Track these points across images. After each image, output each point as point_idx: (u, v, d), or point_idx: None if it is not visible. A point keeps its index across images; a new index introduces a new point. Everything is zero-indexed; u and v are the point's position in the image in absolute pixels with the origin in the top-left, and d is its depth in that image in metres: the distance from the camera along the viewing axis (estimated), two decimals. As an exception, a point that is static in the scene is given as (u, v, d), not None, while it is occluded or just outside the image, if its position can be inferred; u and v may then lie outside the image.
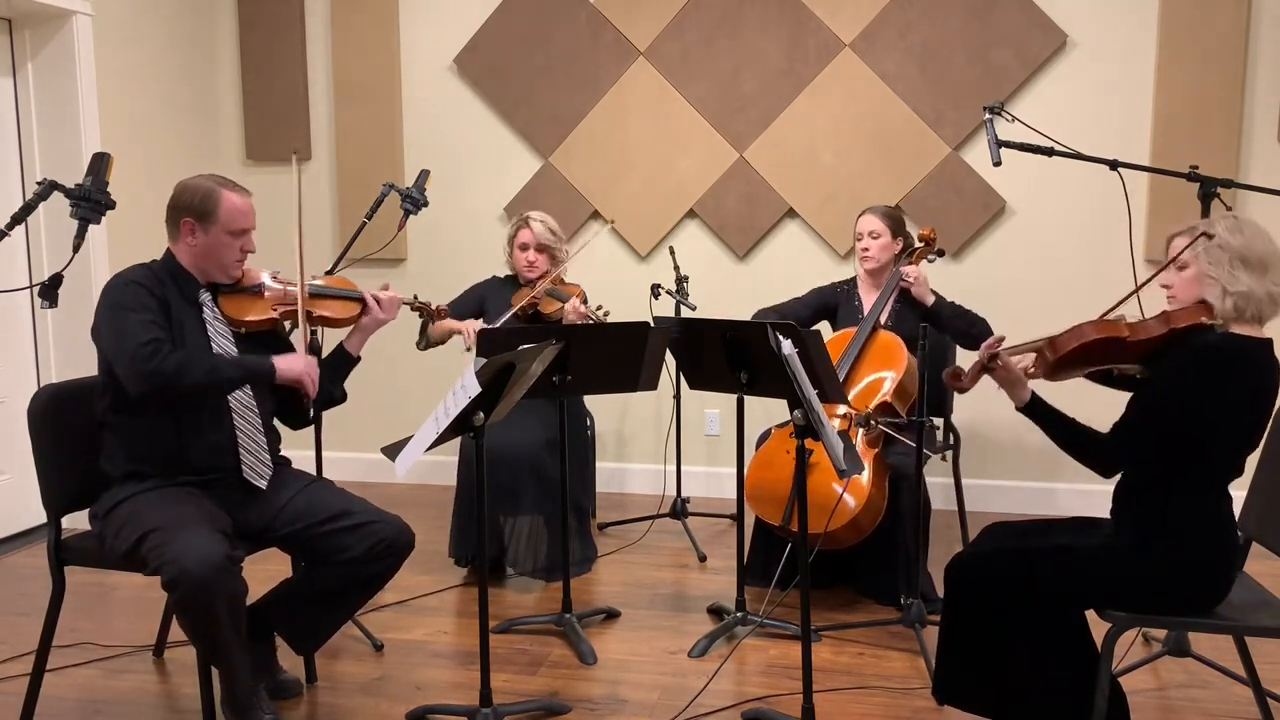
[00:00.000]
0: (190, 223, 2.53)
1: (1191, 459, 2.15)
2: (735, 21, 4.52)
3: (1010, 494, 4.45)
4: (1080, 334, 2.24)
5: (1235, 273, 2.16)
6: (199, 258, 2.56)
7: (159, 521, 2.32)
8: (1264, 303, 2.17)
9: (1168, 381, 2.16)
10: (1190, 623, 2.24)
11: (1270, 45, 4.12)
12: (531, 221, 3.78)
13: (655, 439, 4.76)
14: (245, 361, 2.52)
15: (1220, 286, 2.17)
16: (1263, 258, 2.17)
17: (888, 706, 2.70)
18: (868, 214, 3.60)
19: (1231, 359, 2.12)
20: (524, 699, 2.72)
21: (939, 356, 3.64)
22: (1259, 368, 2.14)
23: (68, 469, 2.55)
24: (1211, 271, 2.19)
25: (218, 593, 2.25)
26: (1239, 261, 2.16)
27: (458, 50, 4.76)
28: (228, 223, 2.53)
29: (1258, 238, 2.19)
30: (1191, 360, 2.14)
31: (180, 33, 4.74)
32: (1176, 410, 2.13)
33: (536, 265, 3.78)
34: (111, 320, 2.43)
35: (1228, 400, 2.11)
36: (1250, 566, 2.44)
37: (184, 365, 2.39)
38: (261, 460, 2.58)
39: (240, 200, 2.56)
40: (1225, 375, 2.11)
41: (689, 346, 3.10)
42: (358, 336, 2.80)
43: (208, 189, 2.54)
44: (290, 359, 2.58)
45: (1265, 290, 2.16)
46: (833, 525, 3.12)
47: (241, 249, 2.59)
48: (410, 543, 2.61)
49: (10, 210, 2.43)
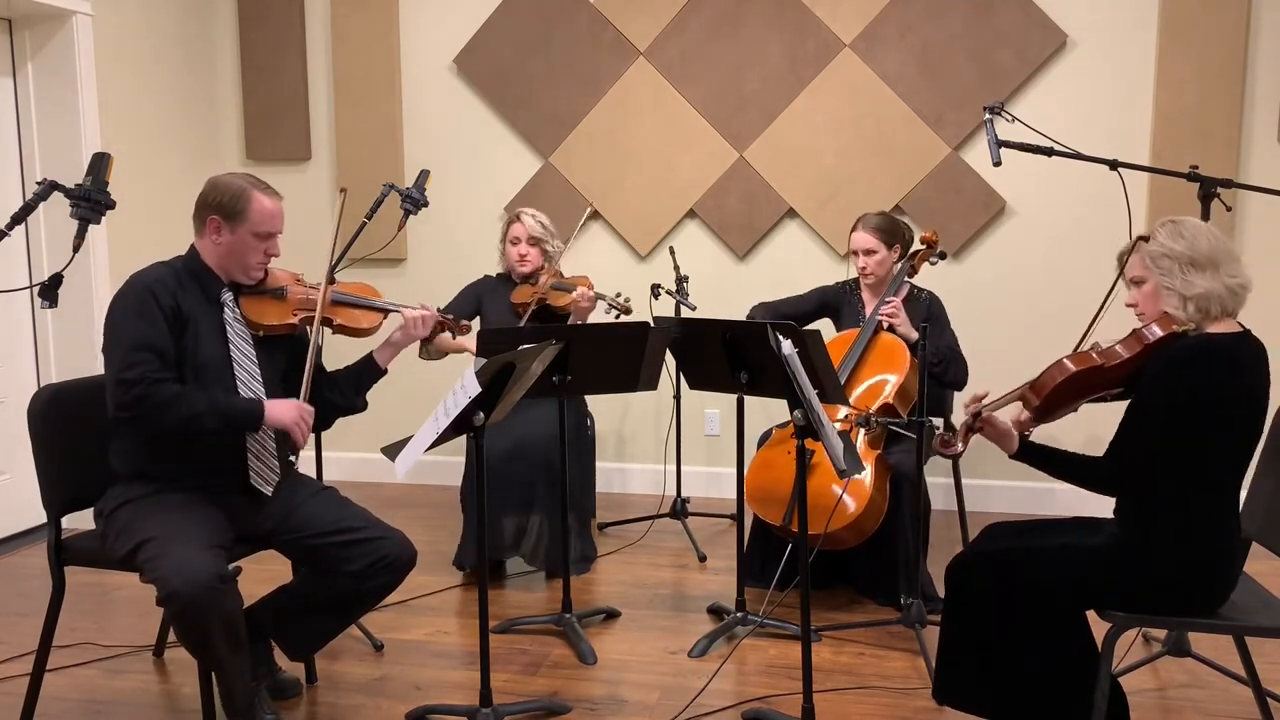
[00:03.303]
0: (217, 220, 2.49)
1: (1190, 463, 2.15)
2: (735, 21, 4.52)
3: (1010, 494, 4.45)
4: (1054, 374, 2.24)
5: (1188, 277, 2.17)
6: (222, 257, 2.53)
7: (155, 531, 2.30)
8: (1225, 297, 2.17)
9: (1151, 395, 2.16)
10: (1190, 623, 2.24)
11: (1270, 45, 4.12)
12: (523, 216, 3.81)
13: (655, 439, 4.76)
14: (231, 410, 2.43)
15: (1178, 294, 2.18)
16: (1210, 254, 2.17)
17: (888, 706, 2.70)
18: (860, 230, 3.55)
19: (1210, 358, 2.12)
20: (524, 699, 2.72)
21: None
22: (1239, 361, 2.14)
23: (68, 469, 2.55)
24: (1166, 281, 2.19)
25: (209, 613, 2.23)
26: (1189, 265, 2.17)
27: (458, 50, 4.76)
28: (255, 224, 2.50)
29: (1200, 236, 2.18)
30: (1170, 369, 2.13)
31: (180, 33, 4.74)
32: (1165, 421, 2.12)
33: (528, 259, 3.79)
34: (110, 334, 2.41)
35: (1215, 400, 2.10)
36: (1250, 566, 2.44)
37: (163, 408, 2.33)
38: (269, 466, 2.55)
39: (271, 203, 2.52)
40: (1206, 375, 2.10)
41: (689, 346, 3.11)
42: (389, 350, 2.75)
43: (239, 188, 2.50)
44: (282, 407, 2.47)
45: (1222, 285, 2.16)
46: (834, 526, 3.12)
47: (266, 252, 2.55)
48: (412, 560, 2.58)
49: (10, 210, 2.42)
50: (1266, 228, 4.15)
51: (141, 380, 2.33)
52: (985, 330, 4.22)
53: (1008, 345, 4.30)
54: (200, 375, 2.46)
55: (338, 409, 2.76)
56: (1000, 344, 4.27)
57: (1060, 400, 2.27)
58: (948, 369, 3.45)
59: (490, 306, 3.86)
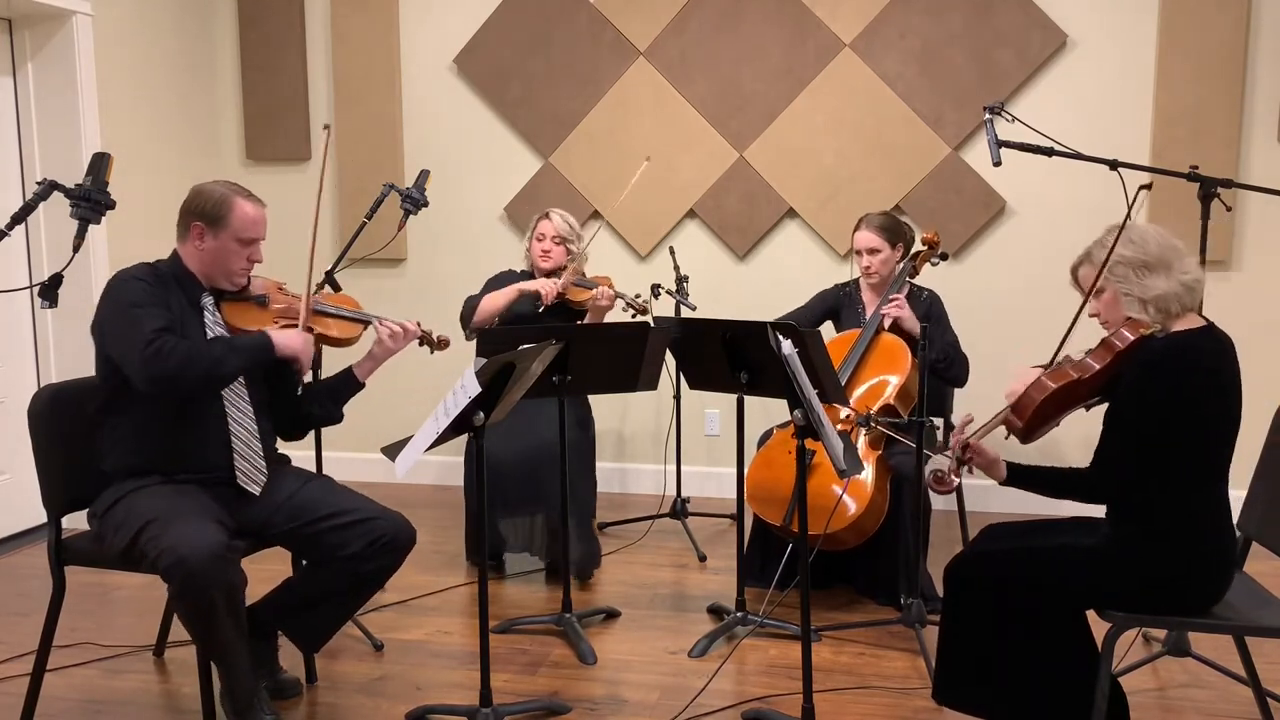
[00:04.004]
0: (200, 226, 2.52)
1: (1174, 461, 2.15)
2: (735, 21, 4.52)
3: (1010, 494, 4.37)
4: (1034, 394, 2.25)
5: (1144, 280, 2.19)
6: (205, 263, 2.56)
7: (156, 513, 2.33)
8: (1183, 295, 2.19)
9: (1128, 400, 2.18)
10: (1190, 623, 2.24)
11: (1270, 45, 4.12)
12: (552, 214, 3.87)
13: (655, 439, 4.76)
14: (243, 345, 2.50)
15: (1136, 299, 2.20)
16: (1160, 255, 2.19)
17: (888, 706, 2.70)
18: (863, 229, 3.57)
19: (1179, 357, 2.14)
20: (524, 699, 2.72)
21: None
22: (1209, 354, 2.16)
23: (68, 469, 2.55)
24: (1123, 288, 2.22)
25: (214, 580, 2.24)
26: (1142, 269, 2.19)
27: (458, 50, 4.76)
28: (238, 230, 2.53)
29: (1149, 239, 2.21)
30: (1144, 373, 2.15)
31: (180, 33, 4.74)
32: (1146, 424, 2.14)
33: (551, 255, 3.83)
34: (116, 318, 2.43)
35: (1190, 396, 2.12)
36: (1250, 566, 2.45)
37: (187, 362, 2.37)
38: (256, 466, 2.57)
39: (253, 210, 2.55)
40: (1178, 373, 2.12)
41: (689, 346, 3.11)
42: (368, 363, 2.77)
43: (222, 195, 2.53)
44: (289, 334, 2.57)
45: (1178, 283, 2.18)
46: (834, 527, 3.12)
47: (249, 258, 2.58)
48: (411, 539, 2.60)
49: (10, 210, 2.42)
50: (1266, 228, 4.15)
51: (162, 336, 2.37)
52: (985, 330, 4.21)
53: (1008, 345, 4.30)
54: None
55: (316, 420, 2.80)
56: (1000, 344, 4.26)
57: (1043, 418, 2.29)
58: (950, 366, 3.48)
59: None
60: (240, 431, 2.55)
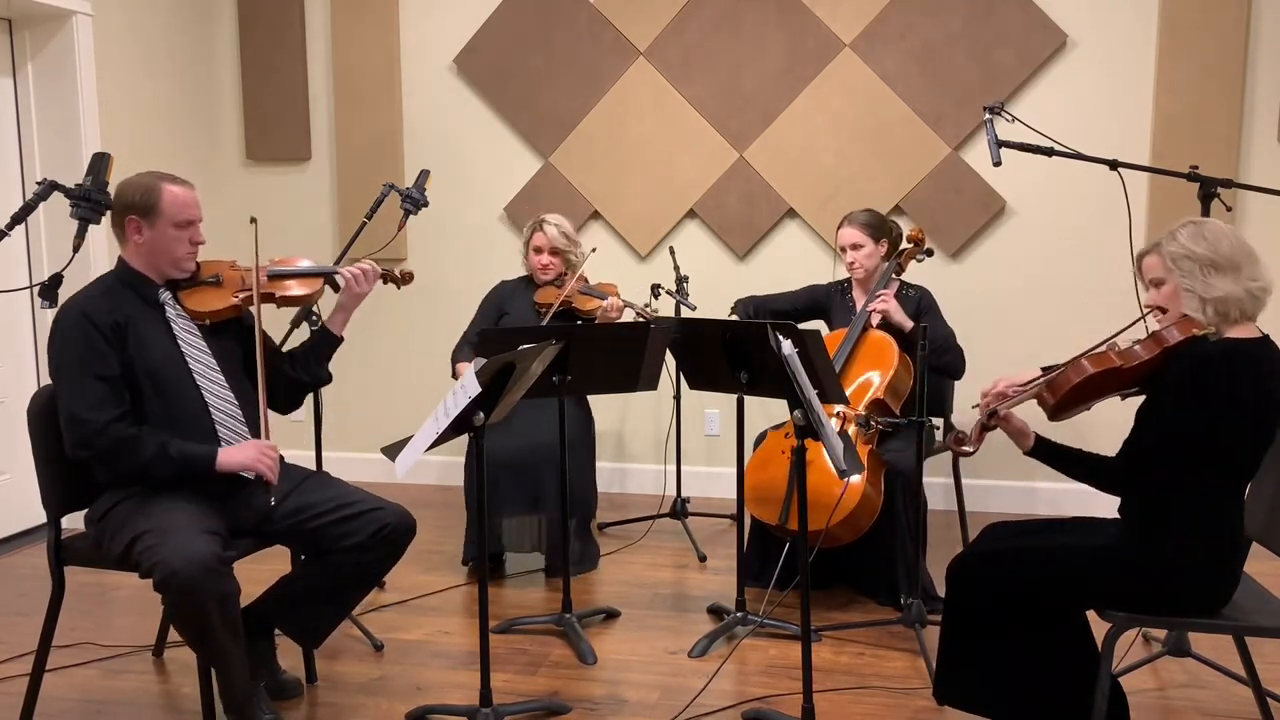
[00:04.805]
0: (135, 220, 2.51)
1: (1203, 466, 2.13)
2: (735, 21, 4.52)
3: (1010, 494, 4.45)
4: (1071, 374, 2.24)
5: (1209, 279, 2.14)
6: (149, 255, 2.54)
7: (150, 524, 2.32)
8: (1245, 301, 2.14)
9: (1171, 397, 2.14)
10: (1190, 623, 2.24)
11: (1270, 45, 4.12)
12: (546, 225, 3.80)
13: (655, 439, 4.76)
14: (181, 455, 2.41)
15: (1197, 297, 2.16)
16: (1231, 257, 2.14)
17: (888, 706, 2.70)
18: (846, 225, 3.59)
19: (1230, 363, 2.10)
20: (524, 699, 2.72)
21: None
22: (1259, 366, 2.12)
23: (68, 469, 2.54)
24: (1186, 283, 2.17)
25: (207, 593, 2.25)
26: (1210, 267, 2.14)
27: (458, 50, 4.76)
28: (172, 215, 2.51)
29: (1222, 239, 2.16)
30: (1191, 372, 2.12)
31: (180, 33, 4.74)
32: (1184, 425, 2.11)
33: (550, 268, 3.81)
34: (58, 376, 2.43)
35: (1233, 404, 2.09)
36: (1250, 566, 2.44)
37: (117, 453, 2.37)
38: (242, 435, 2.57)
39: (182, 191, 2.54)
40: (1228, 380, 2.09)
41: (689, 346, 3.10)
42: (339, 315, 2.79)
43: (148, 184, 2.52)
44: (236, 450, 2.47)
45: (1243, 288, 2.14)
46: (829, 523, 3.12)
47: (190, 240, 2.56)
48: (412, 529, 2.61)
49: (10, 210, 2.42)
50: (1266, 228, 4.15)
51: (92, 423, 2.36)
52: (985, 330, 4.22)
53: (1007, 345, 4.30)
54: (157, 379, 2.48)
55: (303, 385, 2.80)
56: (1000, 344, 4.27)
57: (1076, 399, 2.27)
58: (944, 356, 3.46)
59: (514, 309, 3.86)
60: (229, 421, 2.55)
